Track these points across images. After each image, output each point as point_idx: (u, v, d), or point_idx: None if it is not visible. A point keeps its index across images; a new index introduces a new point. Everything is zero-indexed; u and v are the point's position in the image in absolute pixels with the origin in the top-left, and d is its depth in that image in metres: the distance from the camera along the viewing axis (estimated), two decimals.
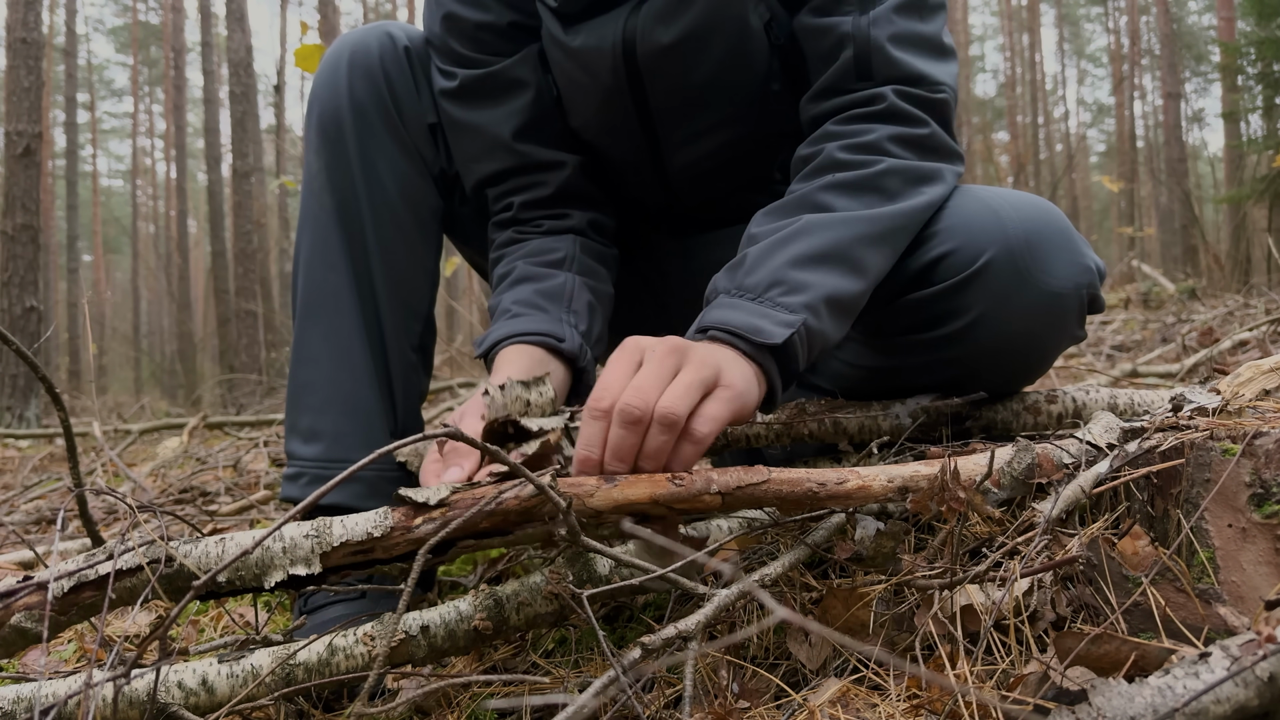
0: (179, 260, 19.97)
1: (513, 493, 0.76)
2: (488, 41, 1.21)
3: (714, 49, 1.14)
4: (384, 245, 1.23)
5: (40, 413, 6.77)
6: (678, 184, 1.29)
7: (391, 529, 0.76)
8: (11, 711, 0.73)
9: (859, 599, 0.85)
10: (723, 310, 0.93)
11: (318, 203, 1.23)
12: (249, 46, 12.03)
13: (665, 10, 1.12)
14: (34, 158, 6.82)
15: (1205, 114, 22.15)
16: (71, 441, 0.98)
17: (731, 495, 0.80)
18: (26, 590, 0.69)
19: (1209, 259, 8.23)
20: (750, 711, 0.78)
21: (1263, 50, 7.55)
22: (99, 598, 0.69)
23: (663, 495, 0.79)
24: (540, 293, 1.17)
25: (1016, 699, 0.65)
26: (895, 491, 0.82)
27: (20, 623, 0.67)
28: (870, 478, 0.82)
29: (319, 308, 1.22)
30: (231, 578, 0.75)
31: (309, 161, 1.26)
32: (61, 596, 0.69)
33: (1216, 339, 3.16)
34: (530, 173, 1.25)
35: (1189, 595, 0.68)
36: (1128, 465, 0.79)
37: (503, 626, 0.82)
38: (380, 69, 1.23)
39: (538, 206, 1.26)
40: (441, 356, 6.33)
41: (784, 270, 0.94)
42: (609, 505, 0.78)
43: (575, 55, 1.17)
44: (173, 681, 0.77)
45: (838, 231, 0.97)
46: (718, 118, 1.21)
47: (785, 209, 1.03)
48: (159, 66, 28.63)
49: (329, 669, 0.80)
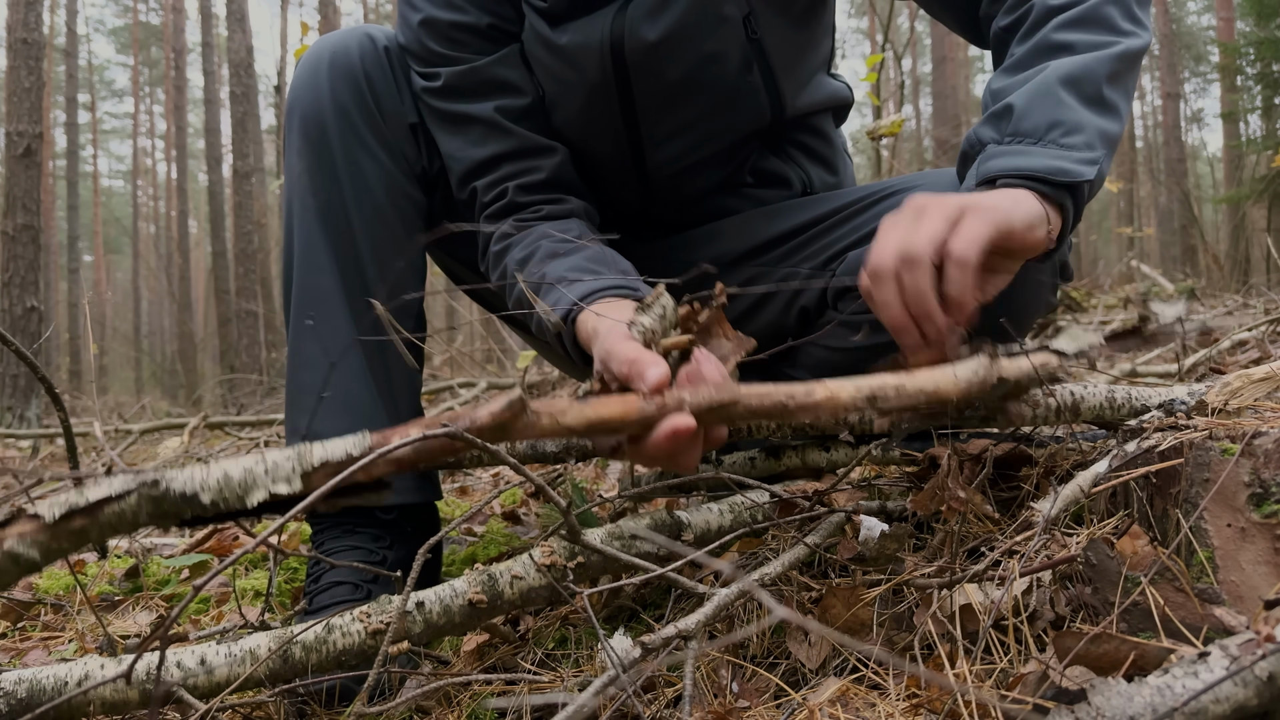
0: (179, 260, 19.97)
1: (486, 412, 0.77)
2: (466, 41, 1.21)
3: (697, 44, 1.16)
4: (373, 244, 1.23)
5: (41, 413, 6.77)
6: (655, 183, 1.30)
7: (369, 448, 0.77)
8: (13, 691, 0.73)
9: (859, 599, 0.85)
10: (1009, 158, 0.91)
11: (301, 204, 1.24)
12: (249, 47, 12.04)
13: (652, 7, 1.13)
14: (35, 158, 6.82)
15: (1204, 114, 22.16)
16: (71, 441, 0.98)
17: (704, 412, 0.80)
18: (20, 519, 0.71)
19: (1208, 259, 8.23)
20: (750, 711, 0.78)
21: (1262, 50, 7.55)
22: (90, 524, 0.71)
23: (634, 412, 0.78)
24: (589, 258, 1.13)
25: (1016, 698, 0.65)
26: (864, 400, 0.82)
27: (14, 548, 0.69)
28: (838, 388, 0.82)
29: (310, 310, 1.22)
30: (215, 498, 0.76)
31: (290, 164, 1.26)
32: (54, 523, 0.71)
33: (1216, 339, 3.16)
34: (526, 157, 1.23)
35: (1188, 595, 0.68)
36: (1127, 465, 0.80)
37: (498, 601, 0.83)
38: (361, 70, 1.23)
39: (535, 190, 1.24)
40: (441, 356, 6.33)
41: (1060, 111, 0.93)
42: (583, 423, 0.78)
43: (562, 53, 1.18)
44: (171, 662, 0.78)
45: (1091, 69, 0.96)
46: (697, 112, 1.23)
47: (1024, 61, 1.01)
48: (160, 67, 28.64)
49: (326, 647, 0.80)
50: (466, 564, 1.48)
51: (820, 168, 1.40)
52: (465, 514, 0.88)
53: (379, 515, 1.20)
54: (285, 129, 1.27)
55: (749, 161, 1.33)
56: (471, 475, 2.61)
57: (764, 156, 1.34)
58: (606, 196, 1.34)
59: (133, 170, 30.74)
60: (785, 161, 1.35)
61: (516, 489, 1.96)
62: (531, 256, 1.17)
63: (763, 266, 1.28)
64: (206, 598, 1.52)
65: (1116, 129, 0.96)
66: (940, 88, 13.56)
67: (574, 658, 0.97)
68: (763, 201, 1.34)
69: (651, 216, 1.36)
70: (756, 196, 1.35)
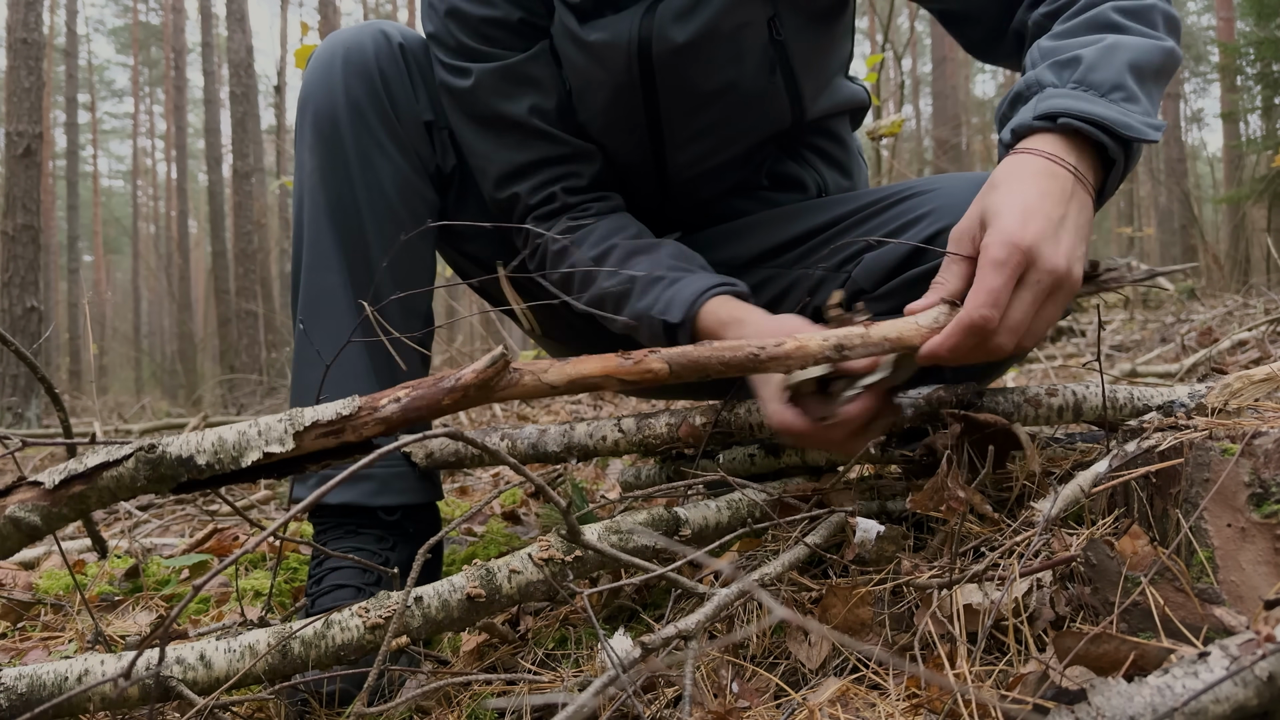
0: (179, 260, 19.96)
1: (470, 370, 0.78)
2: (496, 37, 1.20)
3: (726, 48, 1.15)
4: (384, 243, 1.22)
5: (41, 413, 6.76)
6: (674, 184, 1.30)
7: (359, 408, 0.77)
8: (13, 687, 0.73)
9: (859, 599, 0.85)
10: (1075, 101, 0.88)
11: (311, 200, 1.23)
12: (249, 47, 12.03)
13: (682, 9, 1.13)
14: (34, 158, 6.81)
15: (1204, 114, 22.14)
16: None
17: (677, 364, 0.82)
18: (21, 487, 0.72)
19: (1208, 259, 8.23)
20: (750, 711, 0.78)
21: (1262, 50, 7.55)
22: (89, 489, 0.72)
23: (613, 368, 0.81)
24: (675, 256, 1.15)
25: (1016, 698, 0.65)
26: (832, 349, 0.84)
27: (15, 513, 0.70)
28: (806, 339, 0.84)
29: (318, 309, 1.22)
30: (210, 460, 0.76)
31: (302, 160, 1.25)
32: (53, 489, 0.72)
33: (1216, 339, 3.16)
34: (568, 161, 1.24)
35: (1188, 595, 0.68)
36: (1127, 465, 0.79)
37: (495, 595, 0.84)
38: (376, 67, 1.22)
39: (580, 192, 1.25)
40: (441, 356, 6.33)
41: (1124, 75, 0.92)
42: (564, 380, 0.81)
43: (590, 50, 1.18)
44: (171, 658, 0.78)
45: (1149, 55, 0.95)
46: (720, 115, 1.22)
47: (1079, 29, 0.99)
48: (159, 67, 28.63)
49: (325, 642, 0.81)
50: (467, 564, 1.48)
51: (835, 171, 1.40)
52: (465, 514, 0.88)
53: (381, 516, 1.20)
54: (297, 125, 1.25)
55: (765, 165, 1.33)
56: (471, 475, 2.61)
57: (780, 160, 1.34)
58: (624, 195, 1.34)
59: (133, 170, 30.74)
60: (801, 165, 1.36)
61: (516, 489, 1.96)
62: (608, 254, 1.18)
63: (778, 269, 1.28)
64: (206, 598, 1.52)
65: (1157, 119, 0.95)
66: (940, 88, 13.56)
67: (574, 658, 0.97)
68: (777, 204, 1.35)
69: (667, 217, 1.36)
70: (772, 199, 1.35)
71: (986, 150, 15.68)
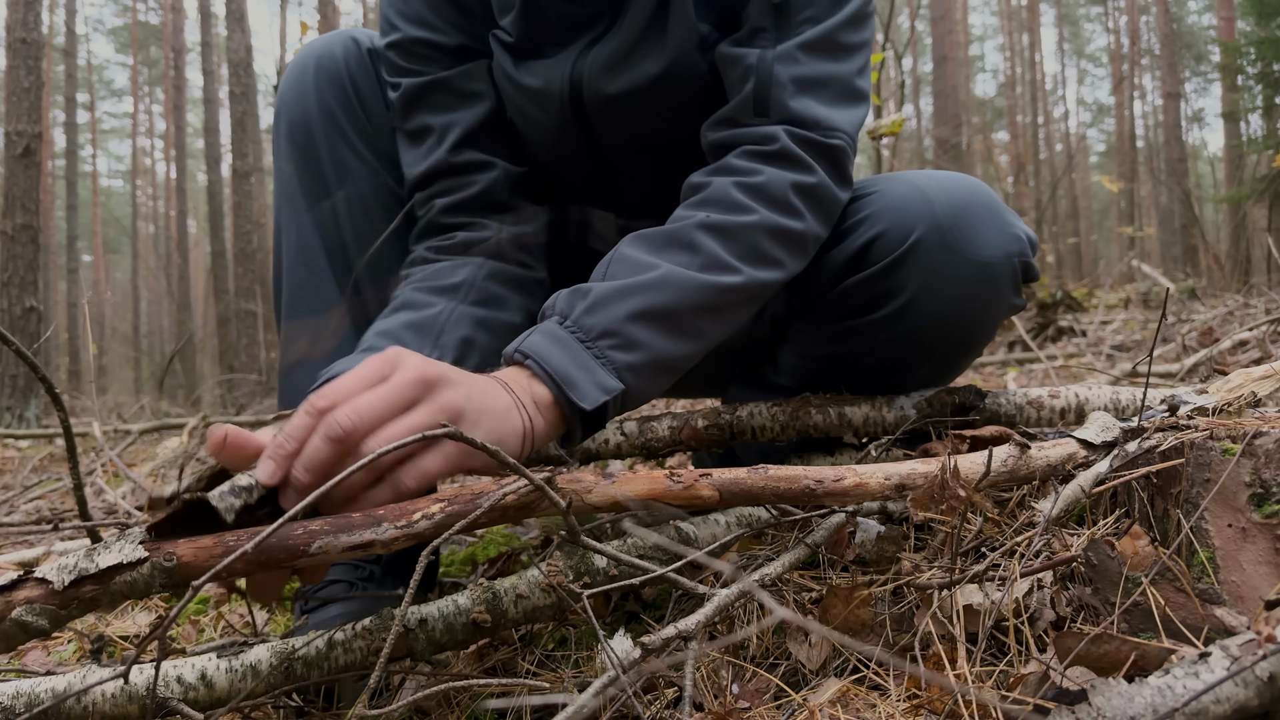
0: (179, 260, 19.96)
1: (514, 489, 0.77)
2: (431, 57, 1.19)
3: (662, 100, 1.13)
4: (362, 245, 1.23)
5: (40, 413, 6.76)
6: (626, 203, 1.30)
7: (395, 539, 0.76)
8: (11, 706, 0.73)
9: (859, 599, 0.85)
10: (548, 344, 0.90)
11: (290, 206, 1.24)
12: (249, 47, 12.03)
13: (611, 62, 1.11)
14: (34, 158, 6.81)
15: (1205, 114, 22.17)
16: (71, 442, 0.98)
17: (728, 491, 0.80)
18: (28, 583, 0.69)
19: (1209, 259, 8.23)
20: (750, 711, 0.78)
21: (1263, 50, 7.55)
22: (100, 591, 0.69)
23: (660, 491, 0.79)
24: (409, 324, 1.09)
25: (1016, 699, 0.65)
26: (892, 489, 0.83)
27: (21, 616, 0.67)
28: (867, 475, 0.83)
29: (303, 309, 1.22)
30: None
31: (280, 169, 1.26)
32: (62, 590, 0.68)
33: (1216, 339, 3.16)
34: (459, 174, 1.20)
35: (1189, 595, 0.68)
36: (1127, 465, 0.79)
37: (501, 620, 0.83)
38: (346, 73, 1.23)
39: (458, 211, 1.20)
40: None
41: (623, 323, 0.92)
42: (606, 501, 0.79)
43: (525, 91, 1.17)
44: (171, 676, 0.77)
45: (689, 295, 0.96)
46: (667, 155, 1.21)
47: (658, 242, 1.01)
48: (159, 67, 28.63)
49: (328, 663, 0.80)
50: (466, 563, 1.48)
51: None
52: (468, 518, 0.88)
53: None
54: (274, 134, 1.27)
55: None
56: (472, 475, 2.61)
57: None
58: (575, 203, 1.33)
59: (132, 170, 30.73)
60: None
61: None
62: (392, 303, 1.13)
63: None
64: (206, 598, 1.52)
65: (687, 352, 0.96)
66: (941, 87, 13.55)
67: (574, 658, 0.97)
68: None
69: (631, 227, 1.36)
70: None
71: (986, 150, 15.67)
